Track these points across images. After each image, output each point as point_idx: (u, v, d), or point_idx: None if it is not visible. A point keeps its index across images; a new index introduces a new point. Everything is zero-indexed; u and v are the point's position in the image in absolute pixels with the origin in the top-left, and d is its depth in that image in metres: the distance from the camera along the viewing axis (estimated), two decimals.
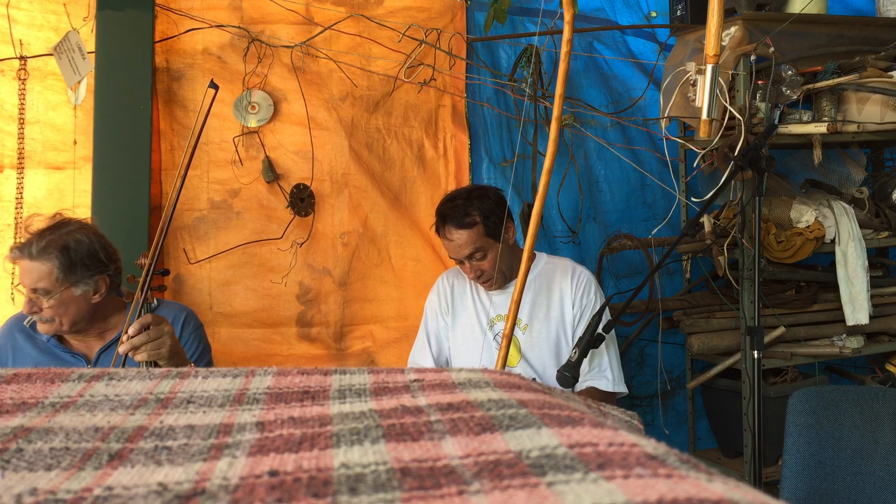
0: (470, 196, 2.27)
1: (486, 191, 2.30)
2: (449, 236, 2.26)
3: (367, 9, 2.82)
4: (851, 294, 2.77)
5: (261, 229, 2.80)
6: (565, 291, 2.33)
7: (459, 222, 2.22)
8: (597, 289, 2.36)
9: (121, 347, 1.82)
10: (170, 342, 1.85)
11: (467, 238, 2.22)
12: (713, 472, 0.47)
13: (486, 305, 2.38)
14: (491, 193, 2.29)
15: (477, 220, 2.22)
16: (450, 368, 0.81)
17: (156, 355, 1.83)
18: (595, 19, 3.15)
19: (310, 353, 2.84)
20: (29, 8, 2.61)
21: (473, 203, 2.24)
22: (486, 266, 2.27)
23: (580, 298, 2.32)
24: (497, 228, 2.21)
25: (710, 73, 2.06)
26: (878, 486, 1.87)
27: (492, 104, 2.92)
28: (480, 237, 2.23)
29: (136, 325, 1.82)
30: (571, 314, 2.32)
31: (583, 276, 2.35)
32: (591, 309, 2.31)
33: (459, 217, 2.23)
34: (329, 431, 0.60)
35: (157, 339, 1.83)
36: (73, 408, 0.67)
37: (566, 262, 2.40)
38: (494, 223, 2.22)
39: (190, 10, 2.71)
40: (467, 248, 2.24)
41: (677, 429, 3.17)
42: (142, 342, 1.81)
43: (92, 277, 1.99)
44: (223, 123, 2.77)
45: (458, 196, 2.29)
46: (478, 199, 2.25)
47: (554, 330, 2.32)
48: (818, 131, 2.56)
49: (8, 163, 2.63)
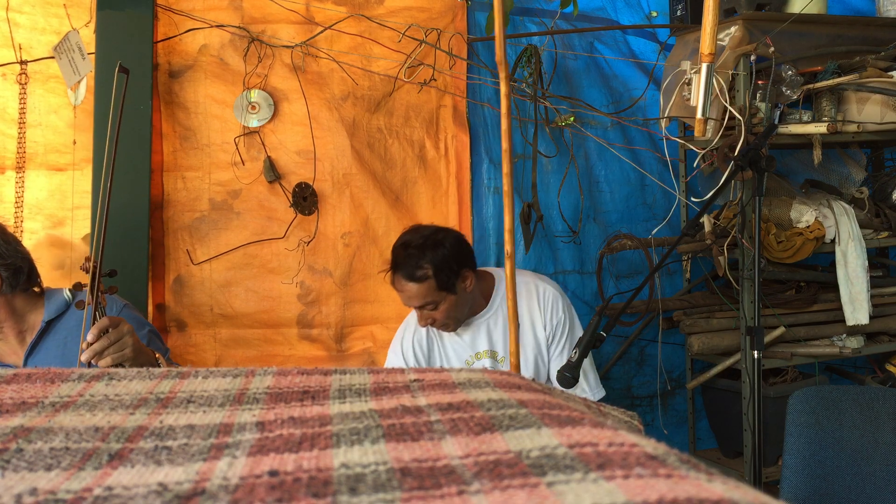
0: (424, 246, 2.13)
1: (443, 239, 2.16)
2: (398, 287, 2.16)
3: (367, 9, 2.82)
4: (851, 294, 2.76)
5: (261, 230, 2.80)
6: (534, 315, 2.27)
7: (410, 274, 2.11)
8: (564, 302, 2.29)
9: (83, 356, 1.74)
10: (132, 341, 1.78)
11: (417, 291, 2.12)
12: (713, 472, 0.47)
13: (457, 348, 2.31)
14: (448, 242, 2.15)
15: (429, 275, 2.10)
16: (450, 368, 0.81)
17: (120, 357, 1.76)
18: (596, 19, 3.15)
19: (310, 354, 2.84)
20: (31, 12, 2.62)
21: (426, 254, 2.11)
22: (438, 316, 2.17)
23: (550, 319, 2.26)
24: (450, 281, 2.12)
25: (705, 73, 2.06)
26: (878, 486, 1.87)
27: (492, 104, 2.92)
28: (431, 291, 2.12)
29: (94, 331, 1.74)
30: (544, 336, 2.27)
31: (547, 293, 2.27)
32: (563, 325, 2.27)
33: (410, 269, 2.11)
34: (329, 431, 0.60)
35: (118, 340, 1.75)
36: (73, 408, 0.67)
37: (528, 280, 2.30)
38: (447, 276, 2.12)
39: (191, 10, 2.71)
40: (417, 301, 2.14)
41: (677, 429, 3.17)
42: (103, 347, 1.74)
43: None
44: (224, 125, 2.77)
45: (412, 243, 2.15)
46: (432, 248, 2.12)
47: (532, 356, 2.28)
48: (818, 131, 2.56)
49: (9, 164, 2.63)
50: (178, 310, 2.78)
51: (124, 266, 2.14)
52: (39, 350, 1.98)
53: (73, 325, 1.99)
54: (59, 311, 2.01)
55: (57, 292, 2.05)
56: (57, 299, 2.02)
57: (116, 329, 1.77)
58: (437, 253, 2.12)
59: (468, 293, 2.21)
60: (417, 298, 2.14)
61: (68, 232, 2.67)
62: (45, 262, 2.64)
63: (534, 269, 2.95)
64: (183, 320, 2.78)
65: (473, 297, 2.24)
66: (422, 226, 2.24)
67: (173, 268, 2.77)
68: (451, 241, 2.16)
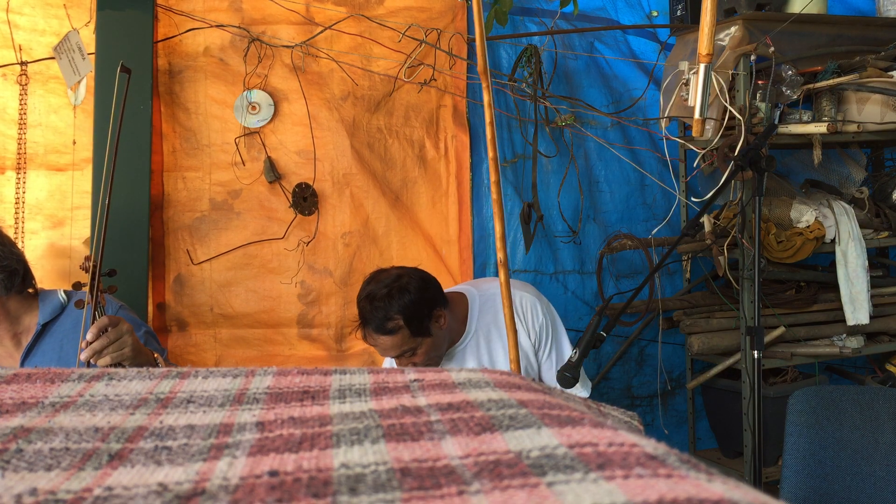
0: (389, 296, 2.02)
1: (407, 284, 2.05)
2: (371, 342, 2.09)
3: (367, 9, 2.82)
4: (851, 294, 2.77)
5: (261, 230, 2.80)
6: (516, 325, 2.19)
7: (380, 327, 2.03)
8: (542, 306, 2.24)
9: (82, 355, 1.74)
10: (131, 340, 1.77)
11: (392, 343, 2.05)
12: (713, 472, 0.47)
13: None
14: (412, 286, 2.05)
15: (400, 325, 2.02)
16: (450, 368, 0.81)
17: (119, 356, 1.75)
18: (596, 19, 3.15)
19: (311, 354, 2.84)
20: (31, 13, 2.62)
21: (394, 305, 2.01)
22: (418, 360, 2.10)
23: (532, 326, 2.21)
24: (423, 324, 2.05)
25: (703, 73, 2.06)
26: (878, 486, 1.87)
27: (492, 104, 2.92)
28: (406, 340, 2.04)
29: (93, 330, 1.74)
30: (530, 343, 2.22)
31: (524, 301, 2.21)
32: (546, 327, 2.23)
33: (380, 322, 2.02)
34: (329, 431, 0.60)
35: (117, 339, 1.75)
36: (73, 408, 0.67)
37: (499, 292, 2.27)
38: (419, 321, 2.04)
39: (191, 10, 2.71)
40: (394, 352, 2.07)
41: (677, 429, 3.17)
42: (103, 346, 1.73)
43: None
44: (224, 125, 2.77)
45: (377, 295, 2.04)
46: (398, 297, 2.02)
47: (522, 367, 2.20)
48: (818, 131, 2.56)
49: (9, 165, 2.64)
50: (178, 310, 2.78)
51: (124, 266, 2.14)
52: (36, 353, 1.97)
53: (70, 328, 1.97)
54: (54, 314, 1.99)
55: (51, 294, 2.02)
56: (52, 301, 2.00)
57: (116, 328, 1.76)
58: (404, 300, 2.03)
59: (444, 330, 2.14)
60: (394, 349, 2.07)
61: (68, 232, 2.67)
62: (45, 262, 2.64)
63: (534, 269, 2.95)
64: (183, 320, 2.78)
65: (450, 329, 2.17)
66: (382, 271, 2.15)
67: (173, 268, 2.77)
68: (415, 285, 2.07)
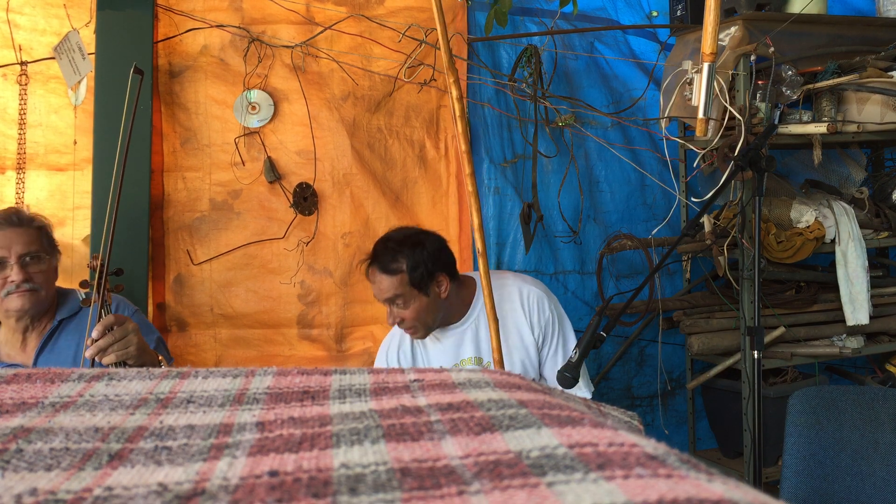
0: (404, 242, 2.15)
1: (424, 240, 2.17)
2: (371, 278, 2.18)
3: (367, 9, 2.82)
4: (851, 294, 2.76)
5: (261, 230, 2.80)
6: (518, 318, 2.24)
7: (384, 266, 2.13)
8: (549, 302, 2.27)
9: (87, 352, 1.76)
10: (136, 339, 1.79)
11: (388, 284, 2.13)
12: (713, 472, 0.47)
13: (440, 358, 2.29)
14: (429, 244, 2.16)
15: (402, 269, 2.12)
16: (450, 368, 0.81)
17: (124, 355, 1.77)
18: (596, 19, 3.15)
19: (311, 354, 2.84)
20: (31, 13, 2.62)
21: (404, 250, 2.13)
22: (406, 315, 2.16)
23: (538, 320, 2.24)
24: (424, 281, 2.12)
25: (707, 72, 2.06)
26: (878, 487, 1.87)
27: (492, 104, 2.92)
28: (403, 286, 2.12)
29: (99, 328, 1.76)
30: (533, 339, 2.24)
31: (531, 296, 2.25)
32: (552, 324, 2.25)
33: (385, 261, 2.13)
34: (329, 431, 0.60)
35: (123, 338, 1.77)
36: (73, 408, 0.67)
37: (509, 284, 2.28)
38: (422, 275, 2.12)
39: (191, 10, 2.71)
40: (387, 294, 2.14)
41: (677, 429, 3.17)
42: (108, 344, 1.75)
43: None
44: (224, 125, 2.77)
45: (393, 238, 2.18)
46: (411, 246, 2.14)
47: (518, 360, 2.26)
48: (818, 131, 2.56)
49: (9, 164, 2.64)
50: (178, 310, 2.78)
51: (124, 266, 2.15)
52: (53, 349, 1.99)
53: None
54: (72, 311, 2.04)
55: (70, 292, 2.09)
56: (72, 298, 2.07)
57: (121, 326, 1.78)
58: (416, 251, 2.13)
59: (441, 299, 2.18)
60: (388, 291, 2.13)
61: (68, 232, 2.67)
62: None
63: (534, 269, 2.95)
64: (183, 320, 2.78)
65: (450, 304, 2.21)
66: (410, 226, 2.25)
67: (173, 268, 2.77)
68: (431, 244, 2.16)
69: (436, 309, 2.18)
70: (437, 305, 2.18)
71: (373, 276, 2.16)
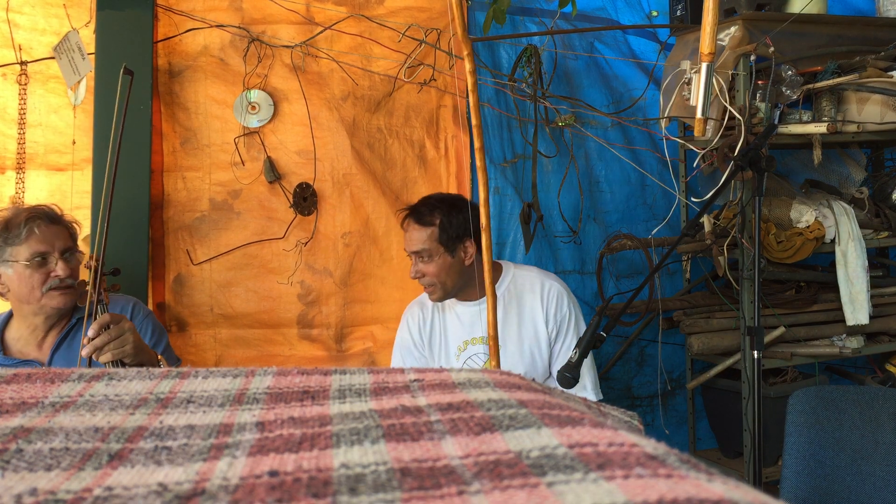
0: (445, 200, 2.28)
1: (463, 206, 2.26)
2: (405, 227, 2.29)
3: (367, 9, 2.82)
4: (851, 294, 2.76)
5: (261, 230, 2.80)
6: (536, 309, 2.29)
7: (418, 218, 2.25)
8: (569, 300, 2.32)
9: (83, 351, 1.77)
10: (132, 338, 1.80)
11: (418, 236, 2.24)
12: (713, 472, 0.47)
13: (456, 331, 2.35)
14: (466, 210, 2.25)
15: (434, 223, 2.23)
16: (450, 368, 0.81)
17: (120, 353, 1.78)
18: (596, 19, 3.14)
19: (311, 354, 2.83)
20: (31, 12, 2.62)
21: (443, 207, 2.24)
22: (428, 270, 2.25)
23: (554, 315, 2.29)
24: (452, 242, 2.22)
25: (705, 72, 2.06)
26: (878, 486, 1.87)
27: (492, 104, 2.92)
28: (431, 240, 2.23)
29: (95, 327, 1.77)
30: (546, 332, 2.29)
31: (552, 290, 2.30)
32: (567, 322, 2.29)
33: (421, 213, 2.25)
34: (329, 431, 0.60)
35: (119, 337, 1.78)
36: (73, 408, 0.67)
37: (533, 276, 2.35)
38: (451, 234, 2.22)
39: (191, 10, 2.71)
40: (416, 245, 2.24)
41: (677, 429, 3.17)
42: (104, 342, 1.76)
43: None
44: (224, 125, 2.77)
45: (435, 196, 2.32)
46: (450, 206, 2.25)
47: (527, 348, 2.29)
48: (818, 131, 2.56)
49: (9, 164, 2.64)
50: (178, 309, 2.78)
51: (124, 266, 2.15)
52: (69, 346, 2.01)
53: None
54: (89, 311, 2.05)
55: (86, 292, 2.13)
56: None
57: (117, 325, 1.79)
58: (453, 212, 2.23)
59: (465, 266, 2.27)
60: (416, 243, 2.24)
61: None
62: None
63: None
64: (183, 320, 2.78)
65: (473, 276, 2.29)
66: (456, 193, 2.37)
67: (173, 267, 2.77)
68: (469, 211, 2.24)
69: (457, 273, 2.26)
70: (459, 270, 2.26)
71: (407, 226, 2.28)
